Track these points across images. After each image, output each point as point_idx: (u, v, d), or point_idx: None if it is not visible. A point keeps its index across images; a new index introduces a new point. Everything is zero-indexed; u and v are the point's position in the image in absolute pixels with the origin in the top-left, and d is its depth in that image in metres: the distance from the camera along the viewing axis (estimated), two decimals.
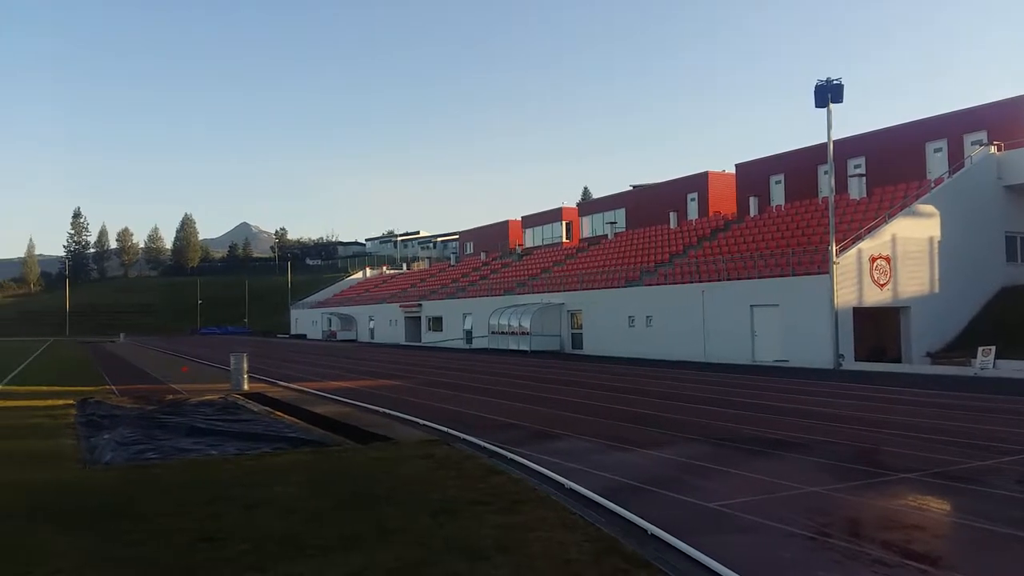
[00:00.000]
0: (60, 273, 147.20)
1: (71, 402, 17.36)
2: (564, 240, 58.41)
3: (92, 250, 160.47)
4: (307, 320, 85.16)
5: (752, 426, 12.91)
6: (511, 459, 9.88)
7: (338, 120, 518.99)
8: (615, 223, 51.86)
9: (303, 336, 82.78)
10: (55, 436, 12.30)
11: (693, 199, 46.45)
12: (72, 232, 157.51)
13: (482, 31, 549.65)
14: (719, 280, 31.67)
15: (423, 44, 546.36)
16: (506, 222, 68.95)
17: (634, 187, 56.97)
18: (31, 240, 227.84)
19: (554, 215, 60.66)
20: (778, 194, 39.76)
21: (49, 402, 17.62)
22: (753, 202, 39.78)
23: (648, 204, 49.80)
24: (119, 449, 11.02)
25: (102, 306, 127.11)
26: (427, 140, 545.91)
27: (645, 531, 6.57)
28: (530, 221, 63.74)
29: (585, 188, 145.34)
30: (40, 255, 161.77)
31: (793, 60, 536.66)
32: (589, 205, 61.85)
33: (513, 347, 41.07)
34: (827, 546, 6.25)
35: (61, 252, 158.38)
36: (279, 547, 6.04)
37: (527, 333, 40.24)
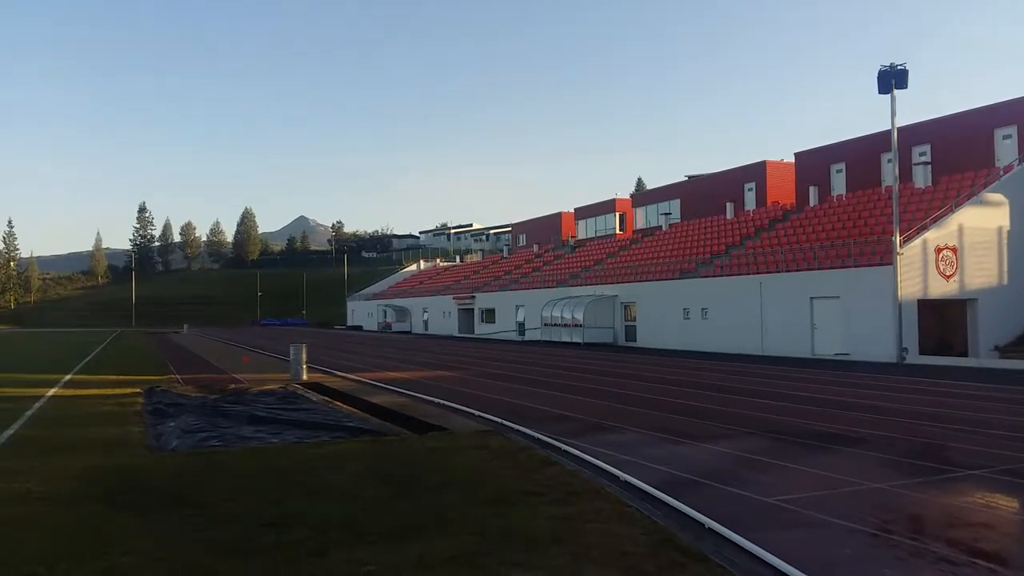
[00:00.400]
0: (126, 266, 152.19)
1: (138, 391, 17.97)
2: (617, 232, 58.02)
3: (157, 243, 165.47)
4: (363, 312, 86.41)
5: (811, 420, 12.67)
6: (565, 451, 9.90)
7: (393, 114, 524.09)
8: (669, 214, 51.27)
9: (359, 327, 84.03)
10: (124, 423, 12.76)
11: (751, 189, 45.63)
12: (138, 226, 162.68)
13: (535, 21, 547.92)
14: (778, 271, 31.10)
15: (478, 37, 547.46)
16: (559, 214, 68.79)
17: (689, 177, 56.23)
18: (99, 234, 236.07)
19: (607, 206, 60.29)
20: (839, 183, 38.78)
21: (117, 391, 18.28)
22: (813, 192, 38.92)
23: (704, 194, 49.09)
24: (184, 436, 11.38)
25: (166, 298, 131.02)
26: (480, 133, 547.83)
27: (702, 525, 6.52)
28: (583, 213, 63.46)
29: (639, 179, 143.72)
30: (107, 248, 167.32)
31: (854, 45, 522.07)
32: (643, 196, 61.27)
33: (566, 339, 41.03)
34: (890, 543, 6.12)
35: (127, 245, 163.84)
36: (340, 533, 6.18)
37: (580, 325, 40.14)
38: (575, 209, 65.16)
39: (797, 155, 41.91)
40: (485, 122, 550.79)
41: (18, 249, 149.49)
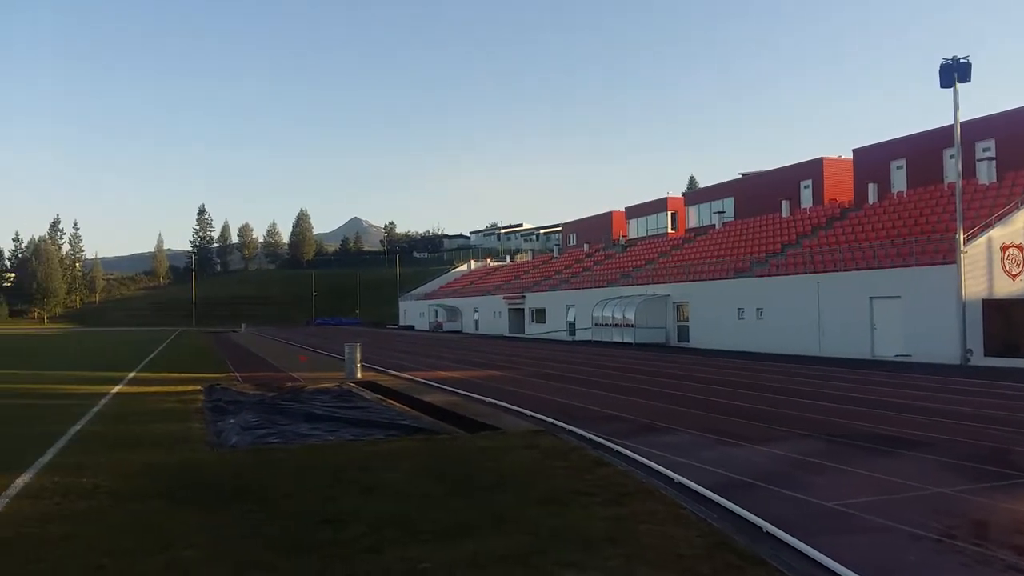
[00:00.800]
0: (187, 266, 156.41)
1: (199, 388, 18.45)
2: (669, 230, 57.41)
3: (216, 245, 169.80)
4: (415, 311, 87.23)
5: (871, 423, 12.36)
6: (617, 451, 9.84)
7: (443, 115, 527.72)
8: (723, 212, 50.52)
9: (411, 327, 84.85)
10: (185, 420, 13.12)
11: (807, 186, 44.68)
12: (197, 228, 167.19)
13: (585, 18, 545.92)
14: (836, 271, 30.41)
15: (529, 35, 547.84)
16: (609, 213, 68.39)
17: (743, 175, 55.34)
18: (160, 235, 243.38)
19: (659, 205, 59.70)
20: (899, 180, 37.70)
21: (179, 388, 18.80)
22: (872, 189, 37.91)
23: (758, 192, 48.25)
24: (243, 433, 11.64)
25: (225, 298, 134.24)
26: (529, 133, 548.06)
27: (759, 528, 6.41)
28: (634, 212, 62.97)
29: (691, 177, 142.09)
30: (168, 250, 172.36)
31: (914, 38, 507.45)
32: (696, 194, 60.55)
33: (617, 339, 40.78)
34: (955, 549, 5.93)
35: (188, 247, 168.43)
36: (394, 531, 6.25)
37: (631, 325, 39.85)
38: (626, 208, 64.70)
39: (855, 151, 40.89)
40: (535, 122, 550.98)
41: (83, 251, 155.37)
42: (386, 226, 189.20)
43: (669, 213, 58.16)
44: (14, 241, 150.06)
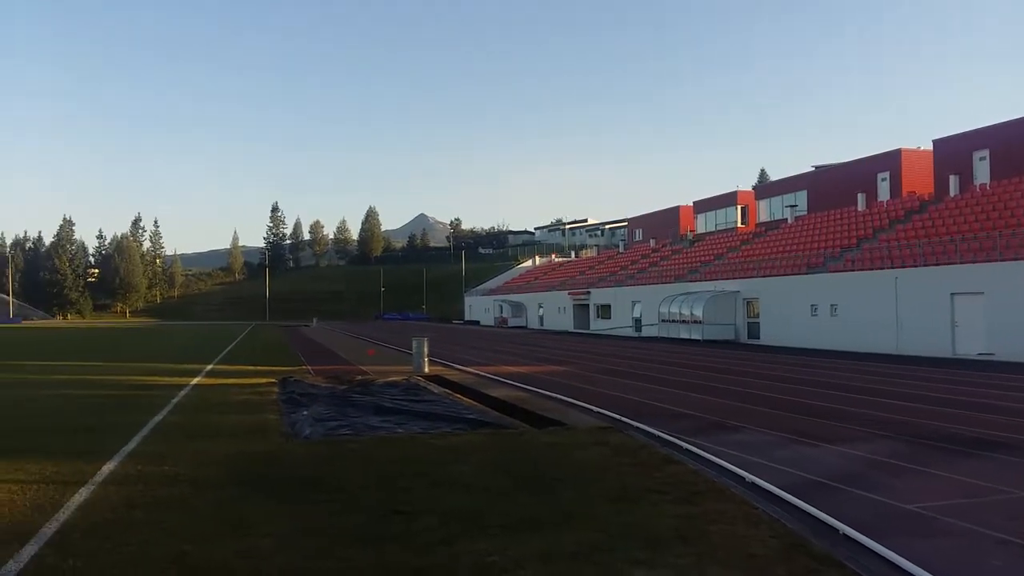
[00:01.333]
0: (260, 262, 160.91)
1: (273, 380, 18.96)
2: (739, 225, 56.30)
3: (288, 241, 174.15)
4: (480, 307, 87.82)
5: (952, 423, 11.88)
6: (687, 449, 9.71)
7: (508, 111, 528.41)
8: (795, 206, 49.30)
9: (476, 322, 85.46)
10: (261, 411, 13.49)
11: (884, 179, 43.22)
12: (271, 225, 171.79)
13: (644, 11, 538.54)
14: (915, 266, 29.34)
15: (590, 30, 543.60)
16: (676, 208, 67.46)
17: (816, 167, 53.82)
18: (235, 232, 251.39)
19: (728, 199, 58.58)
20: (982, 171, 36.10)
21: (254, 380, 19.35)
22: (953, 181, 36.42)
23: (832, 185, 46.90)
24: (316, 425, 11.90)
25: (296, 293, 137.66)
26: (595, 127, 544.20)
27: (836, 530, 6.24)
28: (702, 206, 61.96)
29: (762, 170, 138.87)
30: (243, 246, 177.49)
31: (997, 25, 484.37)
32: (766, 188, 59.23)
33: (684, 336, 40.24)
34: None
35: (262, 243, 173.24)
36: (464, 524, 6.30)
37: (699, 322, 39.26)
38: (694, 202, 63.72)
39: (936, 142, 39.33)
40: (600, 116, 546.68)
41: (163, 247, 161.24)
42: (452, 222, 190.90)
43: (739, 207, 57.01)
44: (98, 238, 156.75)
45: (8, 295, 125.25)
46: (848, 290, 31.99)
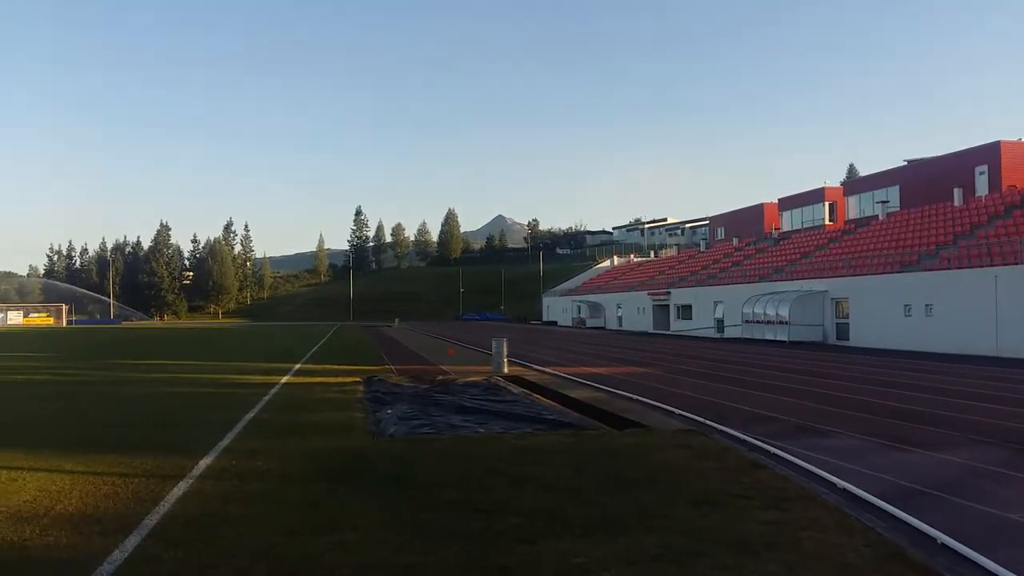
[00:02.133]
0: (345, 264, 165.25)
1: (358, 379, 19.40)
2: (827, 222, 54.53)
3: (371, 244, 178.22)
4: (558, 307, 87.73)
5: None
6: (774, 454, 9.45)
7: (586, 111, 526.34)
8: (887, 202, 47.44)
9: (554, 323, 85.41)
10: (347, 409, 13.82)
11: (982, 172, 41.13)
12: (354, 228, 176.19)
13: (723, 4, 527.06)
14: (1016, 263, 27.79)
15: (668, 22, 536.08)
16: (760, 205, 65.89)
17: (909, 162, 51.66)
18: (321, 236, 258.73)
19: (815, 195, 56.80)
20: None
21: (340, 379, 19.84)
22: None
23: (926, 180, 44.94)
24: (400, 423, 12.12)
25: (379, 294, 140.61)
26: (674, 125, 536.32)
27: (934, 540, 5.96)
28: (788, 203, 60.27)
29: (851, 165, 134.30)
30: (328, 249, 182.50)
31: None
32: (856, 183, 57.20)
33: (769, 337, 39.21)
34: None
35: (346, 246, 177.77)
36: (546, 523, 6.31)
37: (785, 322, 38.19)
38: (779, 200, 62.06)
39: None
40: (679, 113, 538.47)
41: (253, 250, 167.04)
42: (529, 223, 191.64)
43: (827, 204, 55.20)
44: (192, 242, 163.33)
45: (110, 297, 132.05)
46: (944, 289, 30.56)
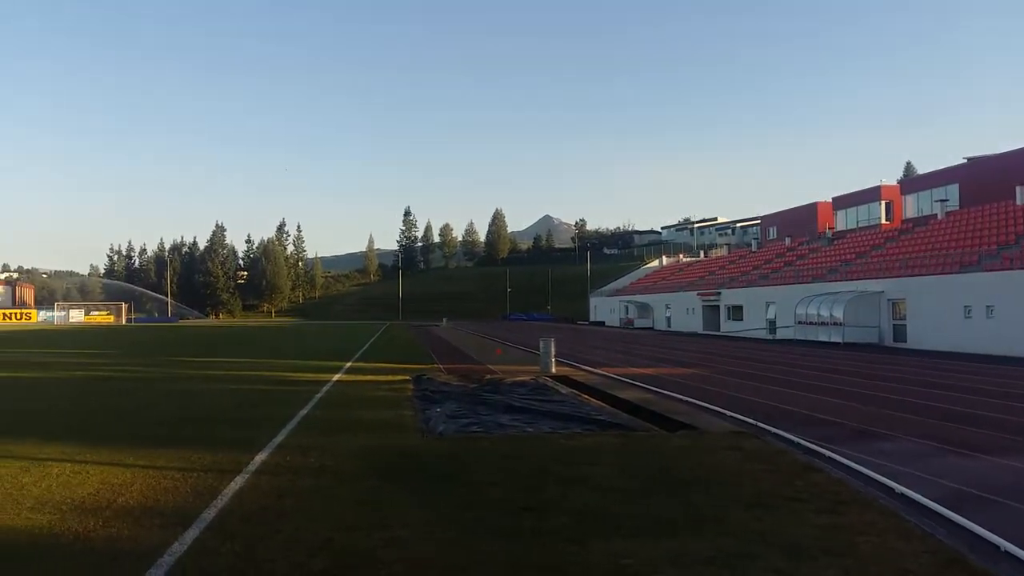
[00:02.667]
0: (394, 264, 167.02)
1: (407, 378, 19.59)
2: (883, 221, 53.20)
3: (419, 244, 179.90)
4: (605, 308, 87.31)
5: None
6: (829, 457, 9.28)
7: (631, 108, 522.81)
8: (946, 200, 46.10)
9: (601, 323, 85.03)
10: (397, 407, 13.98)
11: None
12: (403, 228, 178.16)
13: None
14: None
15: (715, 21, 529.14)
16: (814, 204, 64.60)
17: (969, 159, 50.16)
18: (371, 236, 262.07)
19: (871, 194, 55.47)
20: None
21: (390, 377, 20.06)
22: None
23: (988, 177, 43.53)
24: (449, 421, 12.22)
25: (427, 293, 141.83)
26: (723, 122, 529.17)
27: (996, 547, 5.80)
28: (842, 202, 58.98)
29: (907, 163, 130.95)
30: (378, 249, 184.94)
31: None
32: (913, 182, 55.71)
33: (823, 338, 38.44)
34: None
35: (395, 246, 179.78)
36: (596, 524, 6.30)
37: (839, 324, 37.39)
38: (833, 198, 60.78)
39: None
40: (728, 111, 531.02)
41: (305, 250, 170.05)
42: (576, 223, 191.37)
43: (883, 202, 53.85)
44: (246, 243, 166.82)
45: (167, 296, 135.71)
46: (1006, 290, 29.58)
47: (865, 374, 21.26)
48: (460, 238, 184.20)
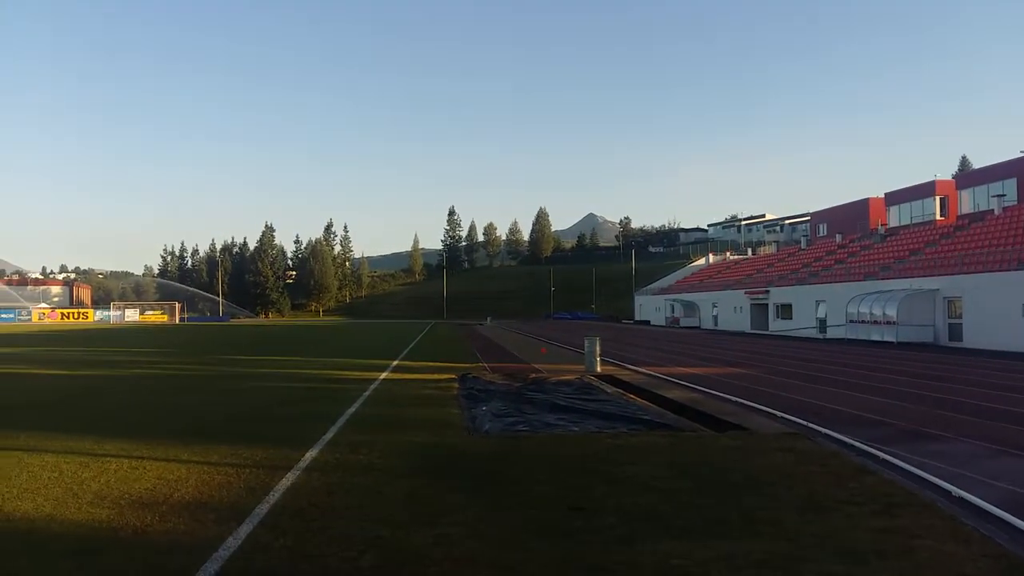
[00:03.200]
0: (438, 264, 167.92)
1: (453, 376, 19.71)
2: (938, 217, 51.81)
3: (463, 243, 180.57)
4: (650, 306, 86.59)
5: None
6: (882, 459, 9.07)
7: (675, 105, 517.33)
8: (1003, 195, 44.69)
9: (647, 322, 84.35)
10: (444, 406, 14.08)
11: None
12: (448, 228, 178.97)
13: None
14: None
15: (761, 14, 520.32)
16: (865, 200, 63.23)
17: None
18: (416, 236, 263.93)
19: (925, 189, 54.05)
20: None
21: (436, 376, 20.20)
22: None
23: None
24: (495, 420, 12.26)
25: (471, 292, 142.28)
26: (772, 118, 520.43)
27: None
28: (895, 198, 57.59)
29: (963, 158, 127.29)
30: (423, 249, 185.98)
31: None
32: (969, 176, 54.17)
33: (875, 337, 37.60)
34: None
35: (439, 246, 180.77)
36: (645, 524, 6.27)
37: (892, 322, 36.52)
38: (885, 194, 59.40)
39: None
40: (776, 107, 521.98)
41: (352, 250, 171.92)
42: (621, 221, 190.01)
43: (937, 198, 52.44)
44: (295, 243, 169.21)
45: (219, 295, 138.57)
46: None
47: (919, 374, 20.74)
48: (504, 237, 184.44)
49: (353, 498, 7.24)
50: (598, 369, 21.74)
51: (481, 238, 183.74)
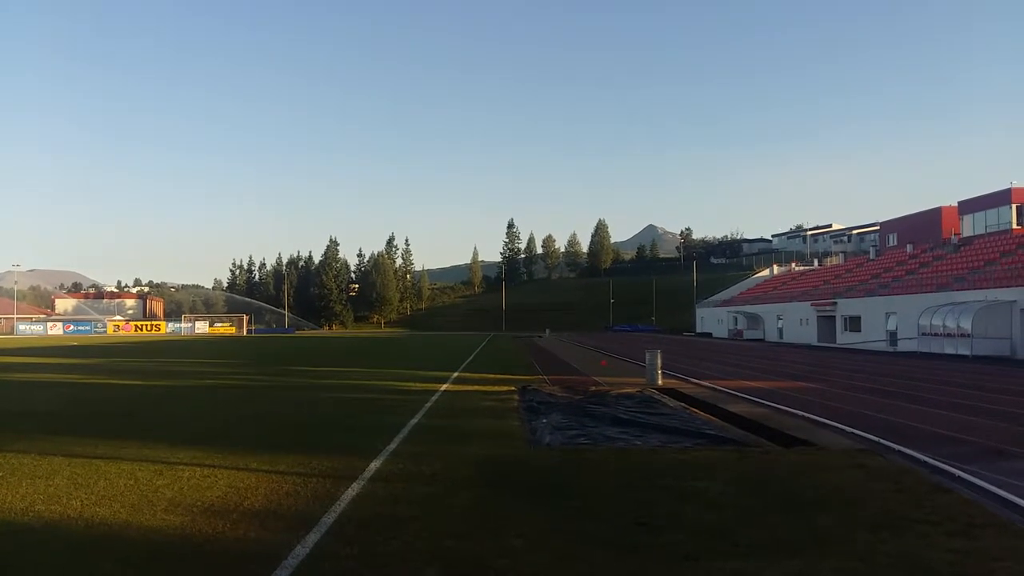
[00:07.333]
0: (497, 276, 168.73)
1: (513, 388, 19.73)
2: (1014, 226, 49.77)
3: (522, 256, 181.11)
4: (712, 318, 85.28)
5: None
6: (960, 477, 8.74)
7: (741, 115, 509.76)
8: None
9: (709, 334, 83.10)
10: (504, 418, 14.10)
11: None
12: (507, 240, 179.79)
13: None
14: None
15: (824, 22, 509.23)
16: (938, 209, 61.22)
17: None
18: (475, 248, 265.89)
19: (1001, 197, 51.99)
20: None
21: (496, 388, 20.26)
22: None
23: None
24: (555, 433, 12.22)
25: (530, 305, 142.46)
26: (838, 125, 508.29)
27: None
28: (968, 206, 55.57)
29: None
30: (482, 261, 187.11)
31: None
32: None
33: (949, 351, 36.27)
34: None
35: (498, 258, 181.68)
36: (711, 540, 6.17)
37: (967, 335, 35.19)
38: (959, 202, 57.37)
39: None
40: (842, 111, 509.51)
41: (413, 263, 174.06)
42: (682, 232, 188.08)
43: (1014, 206, 50.38)
44: (358, 256, 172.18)
45: (284, 308, 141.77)
46: None
47: (996, 388, 19.90)
48: (563, 249, 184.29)
49: (417, 508, 7.30)
50: (660, 382, 21.49)
51: (540, 250, 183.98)
